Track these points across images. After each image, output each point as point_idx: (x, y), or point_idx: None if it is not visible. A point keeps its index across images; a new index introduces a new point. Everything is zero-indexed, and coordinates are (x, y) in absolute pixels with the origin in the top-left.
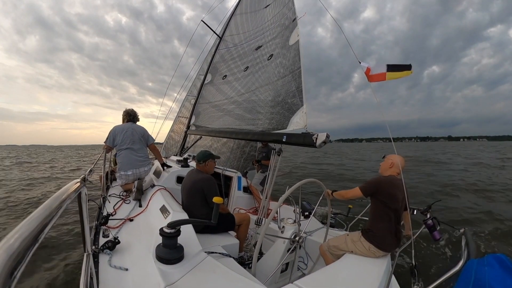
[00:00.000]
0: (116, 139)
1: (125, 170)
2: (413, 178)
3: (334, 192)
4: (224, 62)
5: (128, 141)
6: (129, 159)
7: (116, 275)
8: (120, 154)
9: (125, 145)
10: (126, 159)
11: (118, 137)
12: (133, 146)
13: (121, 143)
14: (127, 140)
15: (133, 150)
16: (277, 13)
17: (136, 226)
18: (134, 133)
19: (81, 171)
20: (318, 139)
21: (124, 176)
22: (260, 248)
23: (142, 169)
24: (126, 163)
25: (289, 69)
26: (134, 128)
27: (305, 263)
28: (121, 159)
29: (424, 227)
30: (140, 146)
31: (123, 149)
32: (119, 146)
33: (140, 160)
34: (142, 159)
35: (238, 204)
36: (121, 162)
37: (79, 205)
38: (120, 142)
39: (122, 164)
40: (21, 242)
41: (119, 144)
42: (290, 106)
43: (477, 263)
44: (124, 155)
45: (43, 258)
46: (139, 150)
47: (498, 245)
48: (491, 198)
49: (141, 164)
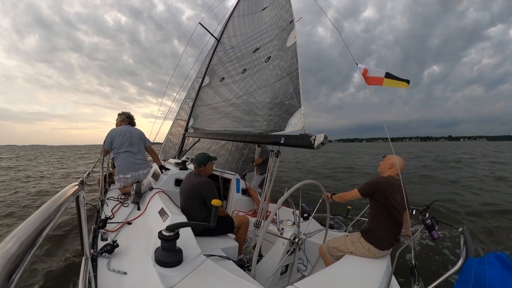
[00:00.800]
0: (114, 142)
1: (124, 173)
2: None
3: (333, 195)
4: (222, 65)
5: (126, 143)
6: (128, 162)
7: (115, 278)
8: (118, 157)
9: (124, 148)
10: (125, 162)
11: (116, 140)
12: (131, 148)
13: (120, 146)
14: (125, 143)
15: (132, 152)
16: (275, 15)
17: (134, 229)
18: (132, 135)
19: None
20: (316, 140)
21: (123, 179)
22: (259, 250)
23: (141, 171)
24: (125, 166)
25: (287, 71)
26: (131, 131)
27: (305, 265)
28: (120, 162)
29: (423, 226)
30: (139, 149)
31: (121, 152)
32: (117, 149)
33: (139, 162)
34: (141, 161)
35: (237, 207)
36: (120, 165)
37: (77, 208)
38: (119, 145)
39: (121, 167)
40: (19, 246)
41: (117, 147)
42: (288, 108)
43: (478, 262)
44: (123, 158)
45: (41, 262)
46: (138, 153)
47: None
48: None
49: (140, 167)
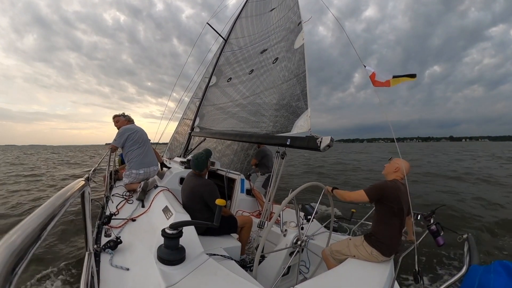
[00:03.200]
0: (128, 139)
1: (137, 168)
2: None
3: (334, 190)
4: (229, 65)
5: (140, 140)
6: (142, 158)
7: (117, 274)
8: (131, 153)
9: (138, 144)
10: (139, 158)
11: (130, 136)
12: (144, 146)
13: (134, 142)
14: (139, 139)
15: (145, 149)
16: (282, 16)
17: (138, 226)
18: (143, 133)
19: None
20: (322, 142)
21: (134, 175)
22: (262, 251)
23: (152, 168)
24: (139, 162)
25: (294, 72)
26: (142, 129)
27: (307, 267)
28: (135, 158)
29: (428, 232)
30: (149, 147)
31: (135, 148)
32: (130, 146)
33: (151, 159)
34: (153, 158)
35: (240, 207)
36: (134, 161)
37: (82, 204)
38: (133, 141)
39: (135, 163)
40: (24, 239)
41: (130, 144)
42: (294, 110)
43: (483, 270)
44: (137, 154)
45: (45, 256)
46: (149, 150)
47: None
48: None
49: (151, 163)
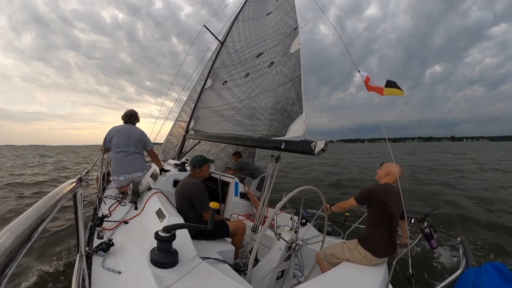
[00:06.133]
0: (112, 141)
1: (117, 175)
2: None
3: (332, 206)
4: (224, 68)
5: (122, 144)
6: (122, 164)
7: (109, 277)
8: (112, 157)
9: (119, 148)
10: (119, 164)
11: (114, 138)
12: (127, 149)
13: (115, 145)
14: (121, 143)
15: (127, 154)
16: (279, 21)
17: (131, 228)
18: (130, 136)
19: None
20: (316, 147)
21: (116, 181)
22: (255, 254)
23: (135, 174)
24: (118, 168)
25: (289, 77)
26: (131, 131)
27: (301, 271)
28: (114, 163)
29: (421, 235)
30: (135, 150)
31: (116, 152)
32: (113, 149)
33: (134, 165)
34: (137, 164)
35: (234, 210)
36: (113, 166)
37: (74, 205)
38: (115, 144)
39: (114, 168)
40: (13, 240)
41: (113, 146)
42: (289, 114)
43: (475, 272)
44: (117, 159)
45: (36, 257)
46: (134, 154)
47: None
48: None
49: (134, 169)
